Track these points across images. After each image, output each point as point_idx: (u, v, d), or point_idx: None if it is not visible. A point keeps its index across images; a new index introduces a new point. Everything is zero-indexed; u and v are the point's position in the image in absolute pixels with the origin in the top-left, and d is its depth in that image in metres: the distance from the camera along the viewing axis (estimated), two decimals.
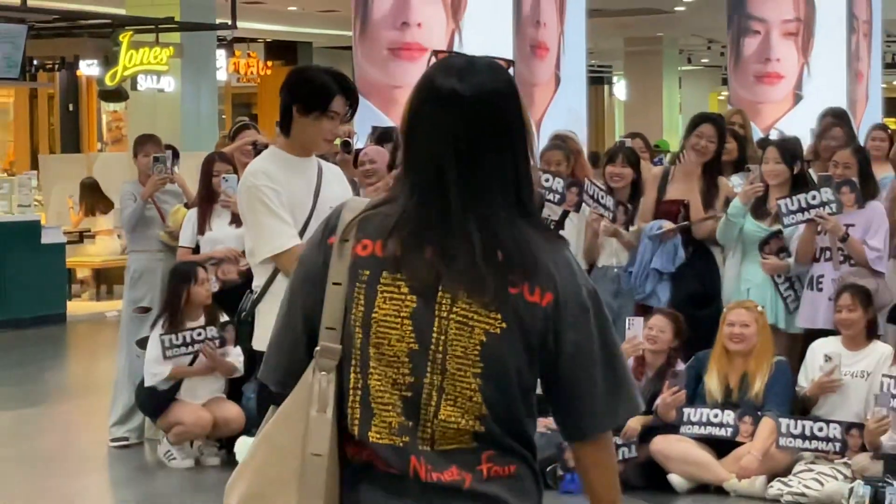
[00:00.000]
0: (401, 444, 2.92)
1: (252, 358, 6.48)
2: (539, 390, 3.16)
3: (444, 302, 2.93)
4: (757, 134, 14.09)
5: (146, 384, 9.18)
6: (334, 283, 3.01)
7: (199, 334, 8.92)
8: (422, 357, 2.93)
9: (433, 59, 2.84)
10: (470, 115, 2.99)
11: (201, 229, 9.48)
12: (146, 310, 9.55)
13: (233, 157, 9.76)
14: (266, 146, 8.69)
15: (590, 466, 3.12)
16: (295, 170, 5.87)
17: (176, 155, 10.60)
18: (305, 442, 2.97)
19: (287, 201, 5.80)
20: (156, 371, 9.04)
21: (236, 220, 9.19)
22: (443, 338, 2.92)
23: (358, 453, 2.98)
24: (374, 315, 2.94)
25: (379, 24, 14.74)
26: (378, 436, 2.93)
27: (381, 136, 10.64)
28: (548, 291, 2.95)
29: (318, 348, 2.99)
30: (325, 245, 3.07)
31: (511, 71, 3.04)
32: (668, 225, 9.12)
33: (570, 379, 3.02)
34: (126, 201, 10.15)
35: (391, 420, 2.93)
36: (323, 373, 2.98)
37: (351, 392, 2.97)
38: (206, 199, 9.52)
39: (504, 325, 2.91)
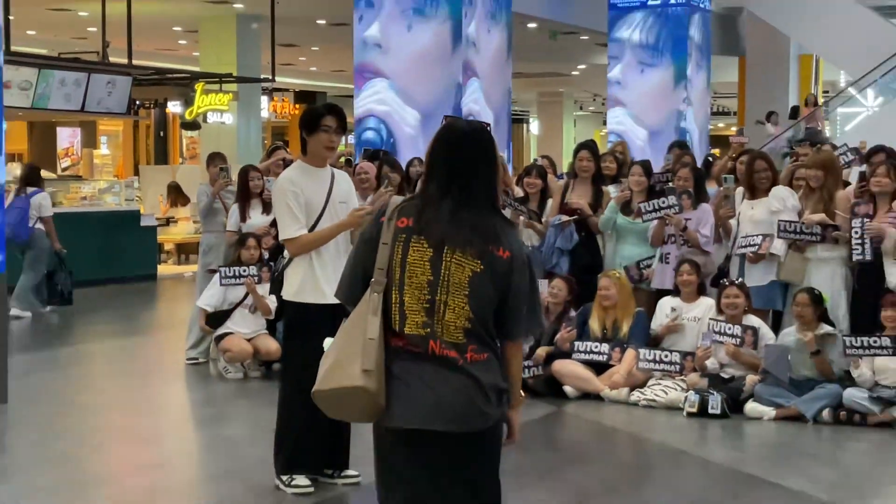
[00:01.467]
0: (423, 334, 3.64)
1: (282, 304, 6.44)
2: None
3: (447, 252, 3.65)
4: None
5: (197, 304, 9.32)
6: (384, 244, 3.70)
7: (245, 271, 8.93)
8: (435, 284, 3.64)
9: (443, 121, 3.73)
10: (466, 155, 3.77)
11: (243, 218, 9.49)
12: (214, 271, 9.55)
13: (268, 169, 9.79)
14: (292, 161, 8.75)
15: (511, 358, 3.82)
16: (312, 176, 5.86)
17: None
18: (365, 331, 3.64)
19: (304, 200, 5.79)
20: (206, 301, 9.16)
21: (267, 209, 9.30)
22: (447, 272, 3.64)
23: (397, 341, 3.67)
24: (407, 259, 3.67)
25: None
26: (410, 329, 3.65)
27: (371, 155, 10.65)
28: (507, 251, 3.70)
29: (373, 280, 3.69)
30: (378, 223, 3.77)
31: (491, 128, 3.79)
32: (565, 218, 9.17)
33: (510, 305, 3.72)
34: (201, 197, 10.12)
35: (417, 320, 3.64)
36: (375, 293, 3.68)
37: (393, 305, 3.67)
38: (244, 198, 9.52)
39: (482, 267, 3.66)
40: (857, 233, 8.11)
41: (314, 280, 5.77)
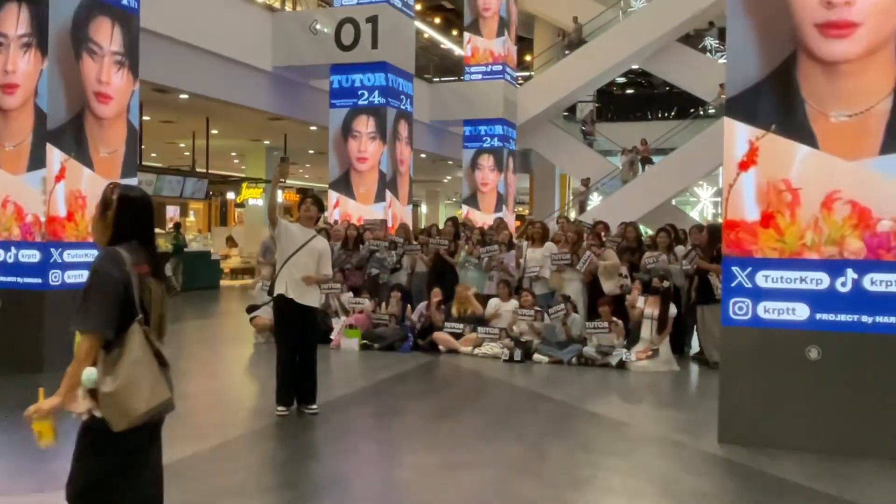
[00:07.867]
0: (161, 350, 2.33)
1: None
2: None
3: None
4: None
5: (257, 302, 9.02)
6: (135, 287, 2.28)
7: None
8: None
9: (115, 190, 2.26)
10: (147, 213, 2.34)
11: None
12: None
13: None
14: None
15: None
16: (301, 229, 5.43)
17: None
18: (152, 363, 2.31)
19: (288, 236, 5.37)
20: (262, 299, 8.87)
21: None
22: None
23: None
24: (153, 298, 2.35)
25: None
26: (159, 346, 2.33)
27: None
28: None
29: (137, 318, 2.28)
30: (126, 271, 2.22)
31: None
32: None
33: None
34: (264, 243, 9.53)
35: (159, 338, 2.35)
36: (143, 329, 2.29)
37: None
38: None
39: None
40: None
41: (287, 286, 5.31)
